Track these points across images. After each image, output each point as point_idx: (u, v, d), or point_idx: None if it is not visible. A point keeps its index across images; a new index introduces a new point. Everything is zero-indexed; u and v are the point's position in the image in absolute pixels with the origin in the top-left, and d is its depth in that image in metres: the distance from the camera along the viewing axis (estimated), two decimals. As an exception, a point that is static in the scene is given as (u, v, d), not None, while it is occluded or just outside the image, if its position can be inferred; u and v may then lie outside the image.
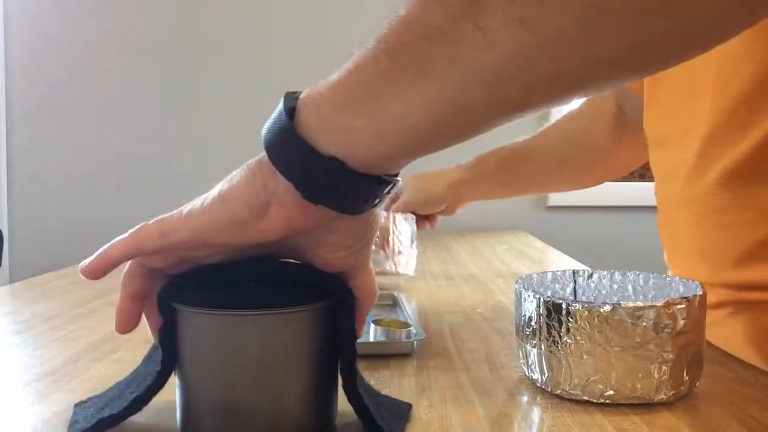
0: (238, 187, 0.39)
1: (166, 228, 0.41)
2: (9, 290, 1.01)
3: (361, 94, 0.36)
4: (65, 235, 2.03)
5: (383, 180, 0.40)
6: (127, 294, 0.43)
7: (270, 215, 0.39)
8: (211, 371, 0.42)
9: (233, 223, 0.39)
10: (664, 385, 0.48)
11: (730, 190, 0.59)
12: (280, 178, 0.39)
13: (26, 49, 2.05)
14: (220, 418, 0.42)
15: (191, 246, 0.41)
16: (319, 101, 0.38)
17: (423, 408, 0.50)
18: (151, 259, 0.43)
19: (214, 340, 0.42)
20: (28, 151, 2.05)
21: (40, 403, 0.51)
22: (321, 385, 0.44)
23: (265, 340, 0.41)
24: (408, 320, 0.71)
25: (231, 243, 0.41)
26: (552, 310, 0.50)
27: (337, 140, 0.37)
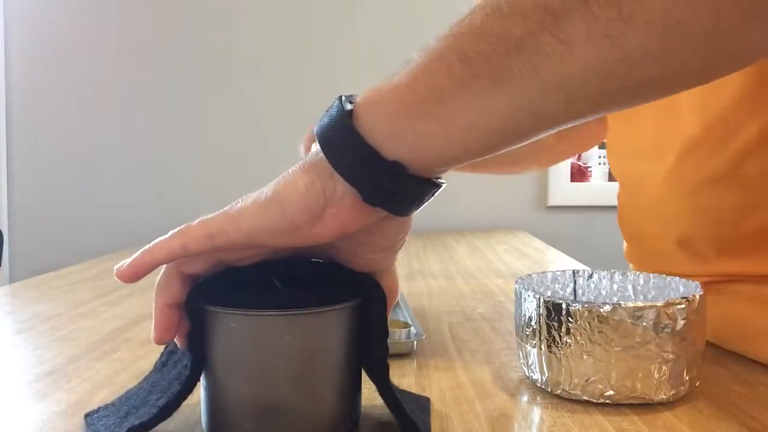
0: (297, 190, 0.39)
1: (215, 230, 0.40)
2: (9, 290, 1.01)
3: (433, 101, 0.37)
4: (65, 235, 2.03)
5: (435, 183, 0.41)
6: (164, 302, 0.41)
7: (326, 218, 0.39)
8: (246, 373, 0.41)
9: (291, 226, 0.39)
10: (664, 385, 0.48)
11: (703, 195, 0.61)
12: (339, 181, 0.39)
13: (26, 49, 2.05)
14: (256, 420, 0.41)
15: (239, 248, 0.41)
16: (384, 107, 0.38)
17: (423, 408, 0.50)
18: (191, 263, 0.41)
19: (251, 342, 0.41)
20: (28, 151, 2.05)
21: (40, 403, 0.51)
22: (353, 382, 0.44)
23: (303, 340, 0.41)
24: (408, 320, 0.71)
25: (283, 245, 0.40)
26: (552, 310, 0.50)
27: (404, 146, 0.38)
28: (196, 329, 0.42)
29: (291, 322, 0.41)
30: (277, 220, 0.39)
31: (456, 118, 0.37)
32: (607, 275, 0.61)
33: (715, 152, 0.59)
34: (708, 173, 0.60)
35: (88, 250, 1.87)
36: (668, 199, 0.64)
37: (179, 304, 0.42)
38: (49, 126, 2.05)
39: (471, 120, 0.37)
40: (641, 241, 0.73)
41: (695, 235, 0.63)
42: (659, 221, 0.67)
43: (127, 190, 2.04)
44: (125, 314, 0.83)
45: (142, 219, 2.01)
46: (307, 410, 0.42)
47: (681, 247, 0.64)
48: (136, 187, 2.03)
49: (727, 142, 0.58)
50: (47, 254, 2.00)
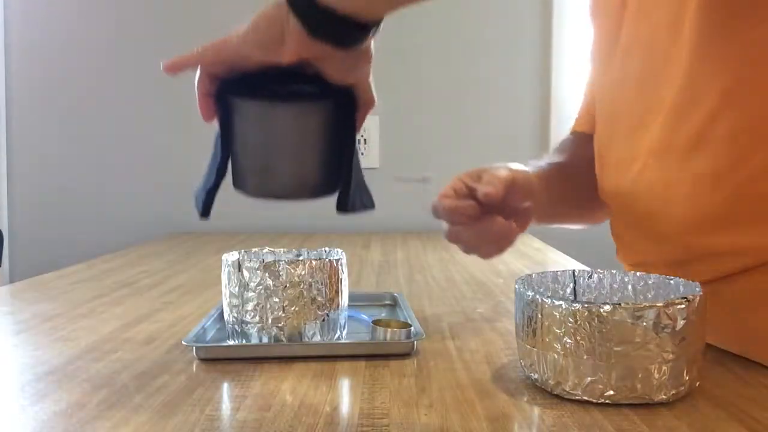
0: (265, 21, 0.55)
1: (220, 47, 0.57)
2: (9, 290, 1.01)
3: None
4: (65, 235, 2.03)
5: (366, 24, 0.54)
6: (201, 93, 0.59)
7: (287, 44, 0.54)
8: (251, 143, 0.59)
9: (261, 46, 0.55)
10: (664, 385, 0.48)
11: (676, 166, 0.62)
12: (293, 18, 0.53)
13: (26, 49, 2.05)
14: (260, 176, 0.59)
15: (236, 58, 0.57)
16: None
17: (423, 408, 0.50)
18: (213, 67, 0.58)
19: (258, 121, 0.58)
20: (28, 151, 2.05)
21: (40, 403, 0.51)
22: (331, 159, 0.59)
23: (294, 122, 0.58)
24: (408, 320, 0.71)
25: (261, 59, 0.56)
26: (552, 310, 0.50)
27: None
28: (221, 112, 0.59)
29: (283, 108, 0.57)
30: (252, 41, 0.55)
31: None
32: (607, 275, 0.61)
33: (683, 121, 0.60)
34: (679, 143, 0.61)
35: (88, 250, 1.87)
36: (644, 179, 0.65)
37: (210, 93, 0.59)
38: (49, 126, 2.05)
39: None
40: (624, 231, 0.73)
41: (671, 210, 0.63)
42: (638, 200, 0.67)
43: (127, 190, 2.04)
44: (125, 314, 0.83)
45: (142, 219, 2.01)
46: (294, 173, 0.59)
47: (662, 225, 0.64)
48: (136, 187, 2.03)
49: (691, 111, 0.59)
50: (47, 254, 2.00)
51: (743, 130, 0.56)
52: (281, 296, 0.63)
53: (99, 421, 0.48)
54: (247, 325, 0.64)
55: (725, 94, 0.57)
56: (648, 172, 0.65)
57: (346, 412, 0.49)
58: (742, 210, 0.57)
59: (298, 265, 0.63)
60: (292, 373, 0.58)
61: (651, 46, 0.65)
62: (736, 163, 0.57)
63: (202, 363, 0.61)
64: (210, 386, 0.55)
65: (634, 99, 0.69)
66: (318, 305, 0.64)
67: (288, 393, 0.53)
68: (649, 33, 0.65)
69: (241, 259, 0.64)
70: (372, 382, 0.56)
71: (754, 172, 0.56)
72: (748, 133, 0.56)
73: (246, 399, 0.52)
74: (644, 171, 0.65)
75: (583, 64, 0.90)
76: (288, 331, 0.63)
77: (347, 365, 0.60)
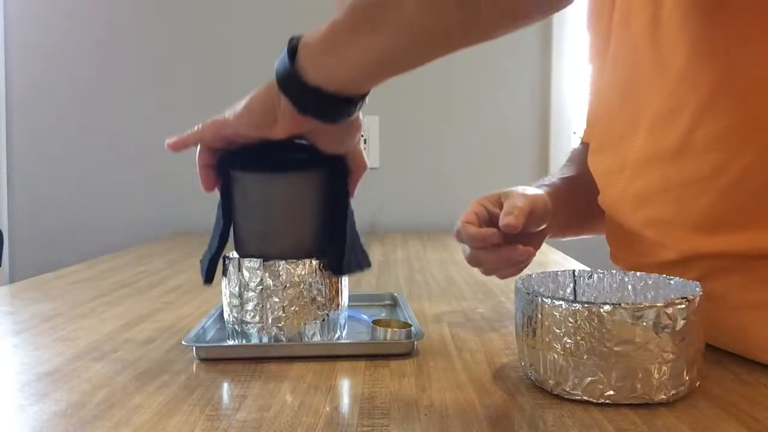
0: (256, 104, 0.60)
1: (218, 126, 0.62)
2: (9, 290, 1.01)
3: (335, 43, 0.55)
4: (65, 235, 2.03)
5: (352, 100, 0.58)
6: (201, 165, 0.64)
7: (278, 122, 0.59)
8: (254, 212, 0.64)
9: (255, 125, 0.60)
10: (664, 385, 0.48)
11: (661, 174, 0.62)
12: (282, 98, 0.58)
13: (26, 49, 2.05)
14: (260, 241, 0.64)
15: (234, 136, 0.62)
16: (310, 46, 0.56)
17: (423, 408, 0.50)
18: (213, 142, 0.64)
19: (257, 191, 0.63)
20: (28, 151, 2.05)
21: (40, 403, 0.51)
22: (327, 223, 0.65)
23: (290, 191, 0.63)
24: (408, 320, 0.71)
25: (257, 136, 0.61)
26: (552, 310, 0.50)
27: (320, 74, 0.56)
28: (223, 182, 0.64)
29: (280, 179, 0.63)
30: (247, 122, 0.60)
31: (347, 54, 0.55)
32: (607, 275, 0.61)
33: (667, 129, 0.61)
34: (664, 150, 0.61)
35: (88, 250, 1.87)
36: (633, 187, 0.66)
37: (211, 166, 0.64)
38: (49, 126, 2.05)
39: (357, 55, 0.54)
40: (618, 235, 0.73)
41: (660, 217, 0.63)
42: (628, 207, 0.68)
43: (127, 189, 2.04)
44: (125, 314, 0.83)
45: (142, 219, 2.01)
46: (292, 237, 0.64)
47: (652, 230, 0.64)
48: (136, 187, 2.03)
49: (673, 118, 0.60)
50: (47, 254, 2.00)
51: (725, 135, 0.57)
52: (281, 296, 0.63)
53: (99, 421, 0.48)
54: (247, 325, 0.64)
55: (705, 102, 0.57)
56: (636, 180, 0.65)
57: (346, 412, 0.49)
58: (728, 214, 0.58)
59: (298, 265, 0.63)
60: (292, 373, 0.58)
61: (634, 56, 0.66)
62: (719, 168, 0.57)
63: (202, 363, 0.61)
64: (210, 386, 0.55)
65: (620, 108, 0.69)
66: (318, 305, 0.64)
67: (288, 393, 0.53)
68: (631, 43, 0.66)
69: (241, 259, 0.64)
70: (372, 382, 0.56)
71: (736, 176, 0.56)
72: (730, 137, 0.56)
73: (246, 399, 0.52)
74: (633, 178, 0.66)
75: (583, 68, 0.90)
76: (288, 331, 0.63)
77: (347, 365, 0.60)
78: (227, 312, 0.66)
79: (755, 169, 0.55)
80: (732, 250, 0.58)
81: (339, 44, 0.55)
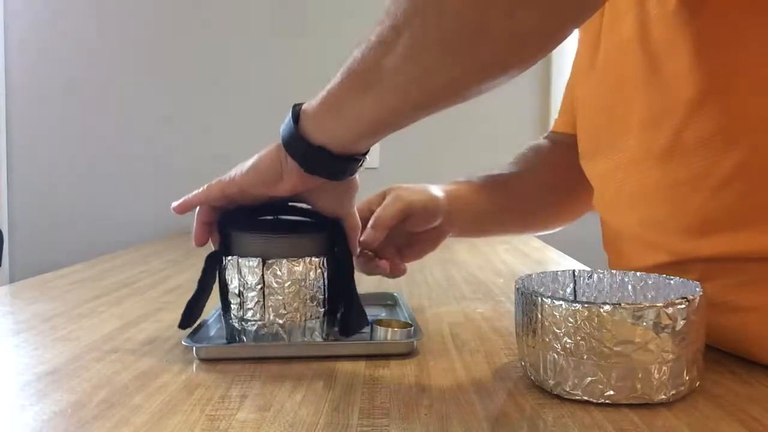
0: (264, 162, 0.62)
1: (224, 185, 0.64)
2: (9, 290, 1.01)
3: (332, 104, 0.58)
4: (65, 235, 2.03)
5: (354, 158, 0.61)
6: (199, 221, 0.66)
7: (285, 180, 0.62)
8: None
9: (263, 184, 0.62)
10: (664, 385, 0.48)
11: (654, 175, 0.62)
12: (290, 159, 0.61)
13: (26, 49, 2.05)
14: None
15: (238, 196, 0.64)
16: (313, 110, 0.59)
17: (423, 408, 0.50)
18: (215, 202, 0.66)
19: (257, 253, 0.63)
20: (28, 151, 2.05)
21: (40, 403, 0.51)
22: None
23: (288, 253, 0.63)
24: (408, 320, 0.71)
25: (262, 195, 0.64)
26: (552, 310, 0.50)
27: (324, 135, 0.59)
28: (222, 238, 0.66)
29: (279, 241, 0.64)
30: (254, 180, 0.63)
31: (345, 114, 0.57)
32: (607, 275, 0.61)
33: (657, 130, 0.61)
34: (655, 152, 0.61)
35: (88, 250, 1.87)
36: (626, 189, 0.66)
37: (209, 223, 0.66)
38: (49, 126, 2.05)
39: (354, 115, 0.57)
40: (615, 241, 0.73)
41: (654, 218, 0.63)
42: (623, 208, 0.68)
43: (127, 190, 2.04)
44: (125, 314, 0.83)
45: (141, 219, 2.01)
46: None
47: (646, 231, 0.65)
48: (136, 188, 2.03)
49: (663, 120, 0.60)
50: (47, 254, 2.00)
51: (714, 135, 0.57)
52: (282, 294, 0.63)
53: (99, 421, 0.48)
54: (247, 323, 0.64)
55: (694, 102, 0.57)
56: (629, 180, 0.66)
57: (346, 412, 0.49)
58: (720, 214, 0.58)
59: (298, 263, 0.63)
60: (292, 373, 0.58)
61: (623, 59, 0.66)
62: (709, 168, 0.57)
63: (202, 363, 0.61)
64: (210, 386, 0.55)
65: (610, 111, 0.70)
66: (318, 302, 0.64)
67: (288, 393, 0.53)
68: (620, 46, 0.66)
69: (240, 258, 0.64)
70: (372, 382, 0.56)
71: (725, 176, 0.56)
72: (718, 137, 0.56)
73: (246, 399, 0.52)
74: (626, 179, 0.66)
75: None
76: (288, 329, 0.63)
77: (347, 365, 0.60)
78: (228, 311, 0.66)
79: (744, 169, 0.56)
80: (726, 251, 0.58)
81: (336, 105, 0.57)
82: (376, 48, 0.53)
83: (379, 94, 0.54)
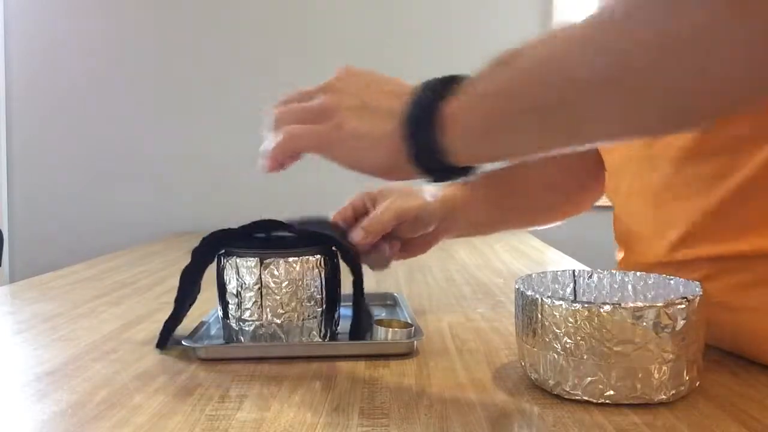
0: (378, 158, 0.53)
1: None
2: (9, 290, 1.01)
3: (499, 128, 0.47)
4: (65, 235, 2.03)
5: (470, 168, 0.52)
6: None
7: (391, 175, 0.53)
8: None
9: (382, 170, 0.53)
10: (664, 385, 0.48)
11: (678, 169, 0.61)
12: (409, 163, 0.51)
13: (27, 49, 2.05)
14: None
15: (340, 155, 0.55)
16: (467, 125, 0.48)
17: (423, 408, 0.50)
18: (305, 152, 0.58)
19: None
20: (28, 151, 2.05)
21: (40, 403, 0.51)
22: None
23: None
24: (408, 320, 0.71)
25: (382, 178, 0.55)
26: (552, 310, 0.50)
27: (470, 156, 0.50)
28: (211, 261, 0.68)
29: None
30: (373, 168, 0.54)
31: (510, 137, 0.48)
32: (607, 275, 0.61)
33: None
34: (673, 148, 0.61)
35: (88, 250, 1.87)
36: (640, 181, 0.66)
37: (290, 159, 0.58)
38: (49, 126, 2.05)
39: (524, 144, 0.48)
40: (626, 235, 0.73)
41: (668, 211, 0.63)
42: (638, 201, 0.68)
43: (127, 190, 2.04)
44: (125, 314, 0.83)
45: (142, 219, 2.01)
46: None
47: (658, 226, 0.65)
48: (136, 187, 2.03)
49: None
50: (47, 254, 2.00)
51: (741, 138, 0.56)
52: (279, 294, 0.63)
53: (99, 421, 0.48)
54: (245, 323, 0.64)
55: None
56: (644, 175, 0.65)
57: (346, 412, 0.49)
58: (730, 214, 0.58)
59: (296, 263, 0.63)
60: (292, 373, 0.58)
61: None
62: (729, 168, 0.57)
63: (202, 363, 0.61)
64: (210, 386, 0.55)
65: None
66: (315, 302, 0.64)
67: (288, 393, 0.53)
68: None
69: (238, 259, 0.64)
70: (372, 382, 0.56)
71: (748, 177, 0.56)
72: (746, 140, 0.56)
73: (246, 399, 0.52)
74: (641, 174, 0.66)
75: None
76: (286, 329, 0.63)
77: (347, 365, 0.60)
78: (226, 311, 0.66)
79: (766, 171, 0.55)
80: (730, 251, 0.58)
81: (503, 129, 0.48)
82: (591, 89, 0.43)
83: (568, 135, 0.46)
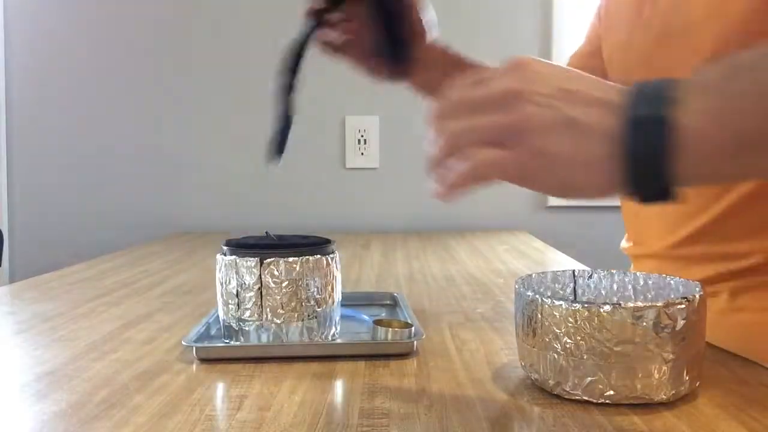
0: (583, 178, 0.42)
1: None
2: (9, 290, 1.01)
3: (747, 147, 0.37)
4: (65, 235, 2.03)
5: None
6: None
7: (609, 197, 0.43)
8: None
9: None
10: (664, 385, 0.48)
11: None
12: (619, 179, 0.40)
13: (26, 49, 2.05)
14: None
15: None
16: (713, 146, 0.38)
17: (423, 408, 0.50)
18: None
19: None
20: (28, 151, 2.05)
21: (40, 403, 0.51)
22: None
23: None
24: (408, 320, 0.71)
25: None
26: (552, 310, 0.50)
27: (699, 180, 0.40)
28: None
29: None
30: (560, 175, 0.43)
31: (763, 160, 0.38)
32: (607, 275, 0.61)
33: None
34: None
35: (88, 250, 1.87)
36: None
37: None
38: (49, 126, 2.05)
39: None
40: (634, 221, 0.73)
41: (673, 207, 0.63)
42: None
43: (127, 190, 2.04)
44: (125, 314, 0.83)
45: (142, 219, 2.01)
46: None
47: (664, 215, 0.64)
48: (136, 187, 2.03)
49: None
50: (47, 254, 2.00)
51: None
52: (279, 294, 0.63)
53: (99, 421, 0.48)
54: (245, 323, 0.64)
55: None
56: None
57: (346, 412, 0.49)
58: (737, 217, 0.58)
59: (295, 263, 0.63)
60: (292, 373, 0.58)
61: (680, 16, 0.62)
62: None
63: (202, 363, 0.61)
64: (210, 386, 0.55)
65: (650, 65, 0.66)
66: (315, 301, 0.65)
67: (288, 393, 0.53)
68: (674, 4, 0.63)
69: (238, 259, 0.64)
70: (372, 382, 0.56)
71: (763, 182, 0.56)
72: None
73: (246, 399, 0.52)
74: None
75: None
76: (285, 328, 0.64)
77: (347, 365, 0.60)
78: (225, 311, 0.66)
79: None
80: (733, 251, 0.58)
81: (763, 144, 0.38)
82: None
83: None
